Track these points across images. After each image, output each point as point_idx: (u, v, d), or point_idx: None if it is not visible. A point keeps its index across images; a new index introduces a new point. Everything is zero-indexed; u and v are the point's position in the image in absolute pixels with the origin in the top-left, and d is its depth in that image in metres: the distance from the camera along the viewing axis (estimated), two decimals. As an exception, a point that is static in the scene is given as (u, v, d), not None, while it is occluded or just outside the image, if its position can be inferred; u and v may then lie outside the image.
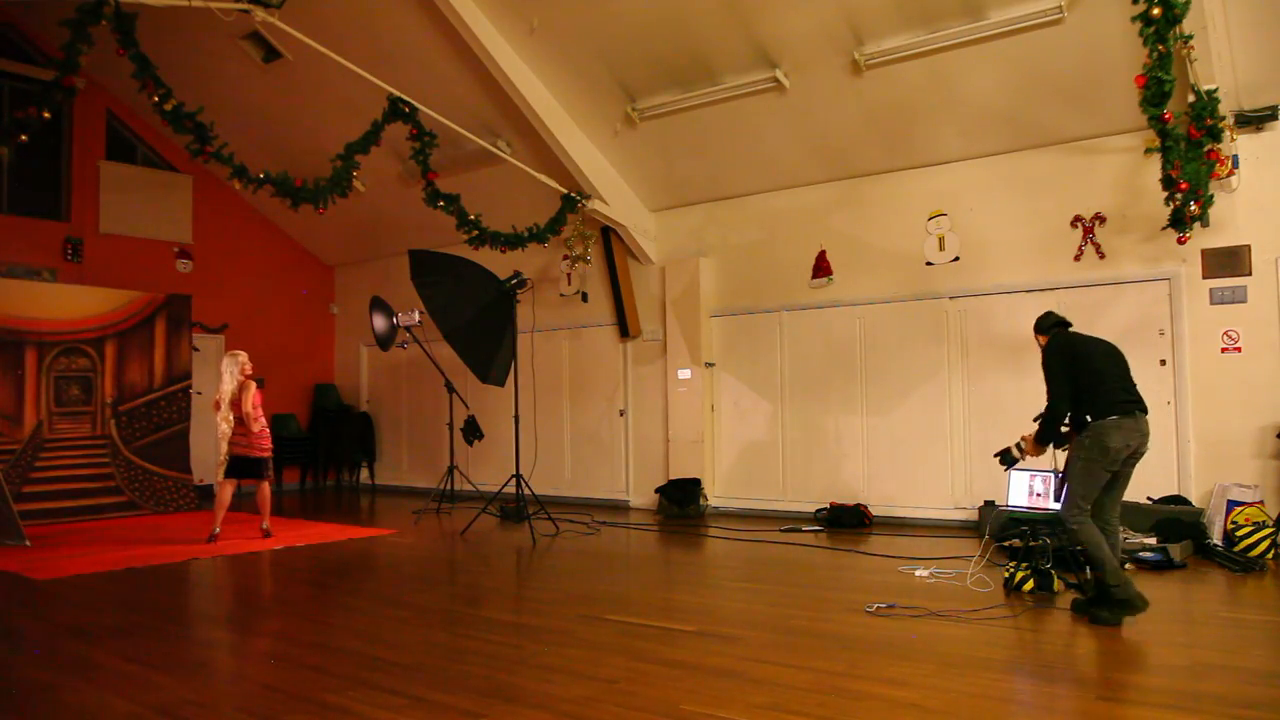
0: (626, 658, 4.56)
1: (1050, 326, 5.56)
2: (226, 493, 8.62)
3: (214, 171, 10.76)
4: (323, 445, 13.91)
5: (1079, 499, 5.09)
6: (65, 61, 6.77)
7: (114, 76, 11.08)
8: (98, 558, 7.66)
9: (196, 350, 11.91)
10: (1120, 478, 5.20)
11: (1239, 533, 6.81)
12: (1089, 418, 5.11)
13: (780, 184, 9.98)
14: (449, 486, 10.75)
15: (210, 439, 12.68)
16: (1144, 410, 5.12)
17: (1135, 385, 5.22)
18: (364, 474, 14.21)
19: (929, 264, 9.11)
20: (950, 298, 8.97)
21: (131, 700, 3.95)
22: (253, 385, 8.63)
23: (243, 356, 8.70)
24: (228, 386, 8.57)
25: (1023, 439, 5.51)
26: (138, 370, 10.98)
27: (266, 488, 8.86)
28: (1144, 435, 5.08)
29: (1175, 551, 6.58)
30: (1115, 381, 5.17)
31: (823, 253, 9.75)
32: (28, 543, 8.24)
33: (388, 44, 9.50)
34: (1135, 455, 5.13)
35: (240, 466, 8.58)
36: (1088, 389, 5.14)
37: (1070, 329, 5.56)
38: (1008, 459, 5.61)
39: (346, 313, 14.56)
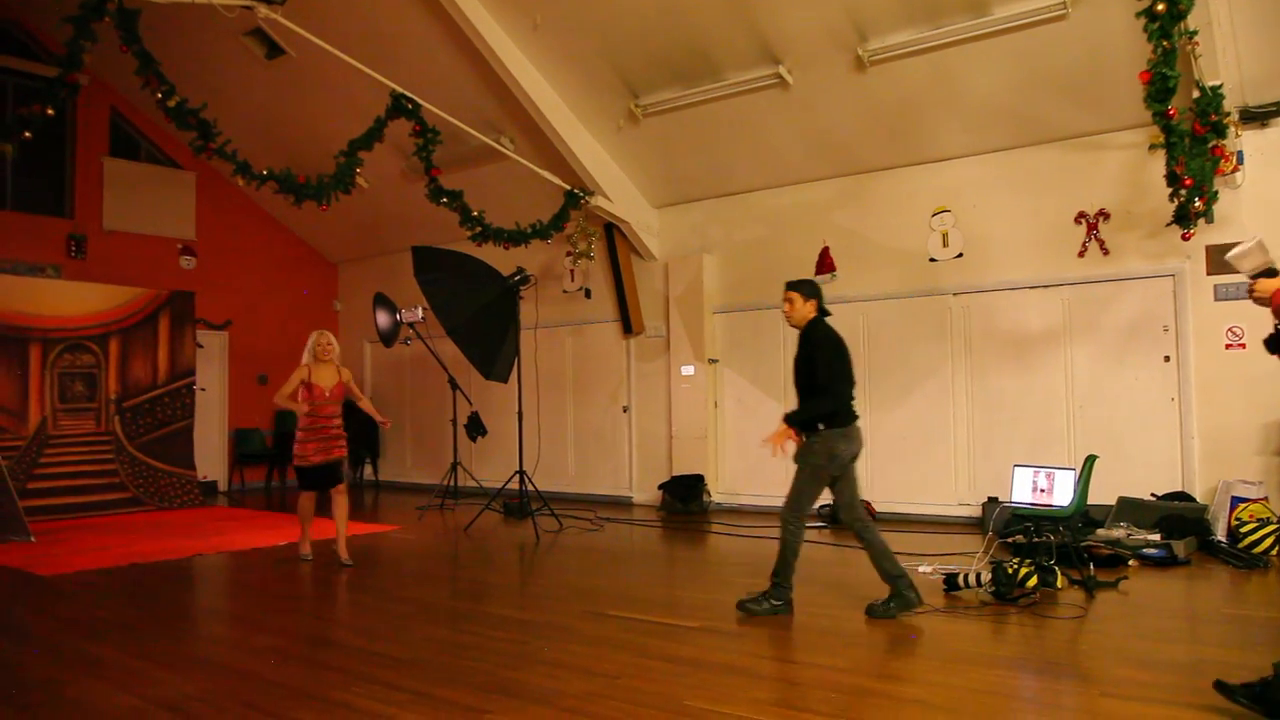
0: (630, 653, 4.56)
1: (818, 297, 5.45)
2: (307, 503, 7.44)
3: (217, 168, 10.79)
4: (326, 442, 13.89)
5: (803, 502, 5.35)
6: (68, 58, 6.76)
7: (117, 73, 11.09)
8: (102, 554, 7.68)
9: (200, 347, 11.92)
10: (846, 478, 5.39)
11: (1243, 529, 6.80)
12: (822, 425, 5.21)
13: (784, 180, 9.97)
14: (452, 483, 10.76)
15: (215, 435, 12.84)
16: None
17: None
18: (368, 470, 14.22)
19: (932, 260, 9.10)
20: (954, 294, 8.95)
21: (136, 695, 3.96)
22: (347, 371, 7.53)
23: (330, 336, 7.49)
24: (326, 375, 7.26)
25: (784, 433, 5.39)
26: (142, 367, 11.00)
27: (347, 496, 7.46)
28: (860, 442, 5.39)
29: (1179, 548, 6.57)
30: (851, 385, 5.31)
31: (826, 249, 9.74)
32: (32, 538, 8.26)
33: (391, 40, 9.49)
34: (855, 458, 5.38)
35: (326, 474, 7.25)
36: (839, 397, 5.23)
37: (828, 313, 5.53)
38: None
39: (350, 309, 14.57)
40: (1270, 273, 3.44)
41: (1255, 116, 7.42)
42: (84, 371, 10.51)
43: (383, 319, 10.55)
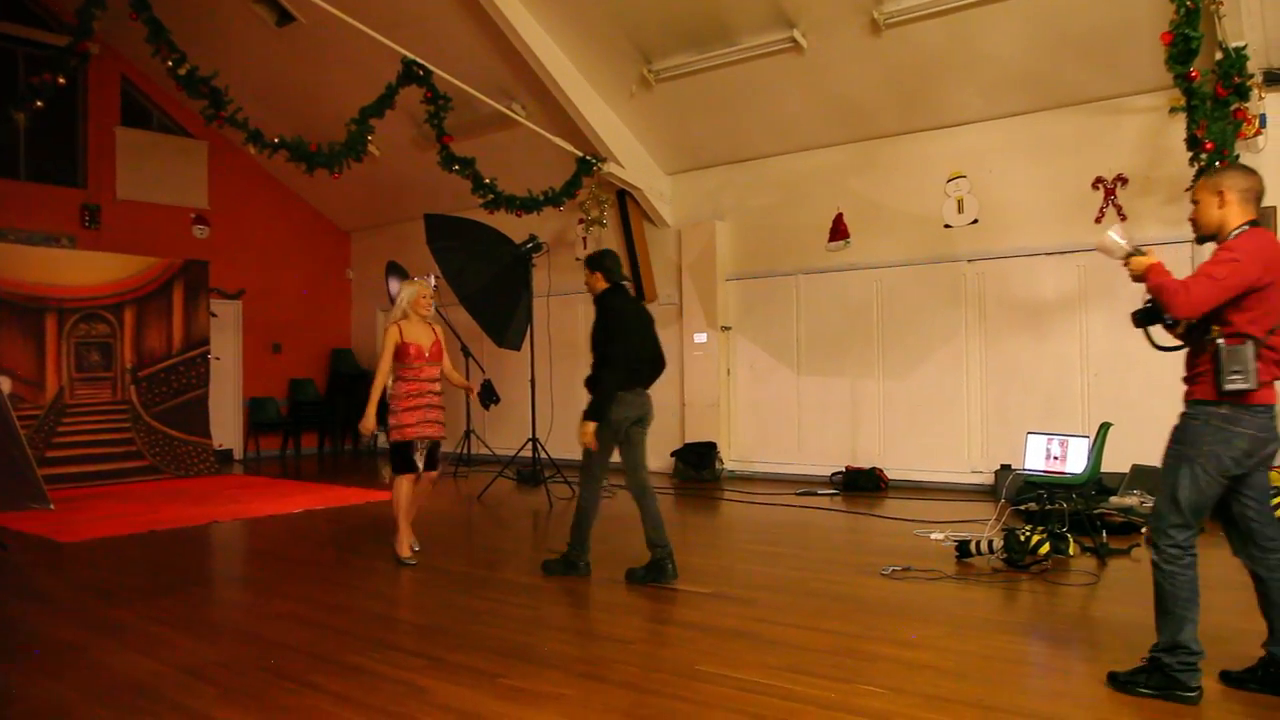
0: (642, 619, 4.60)
1: (603, 269, 5.58)
2: (408, 490, 6.04)
3: (229, 137, 10.76)
4: (340, 410, 13.99)
5: (592, 466, 5.48)
6: (79, 27, 6.76)
7: (128, 42, 11.03)
8: (121, 521, 7.77)
9: (214, 315, 11.97)
10: (631, 443, 5.46)
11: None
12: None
13: (797, 146, 9.88)
14: (466, 450, 10.81)
15: (230, 403, 12.93)
16: (646, 386, 5.50)
17: (648, 368, 5.51)
18: (382, 439, 14.30)
19: (947, 226, 9.02)
20: (968, 261, 8.89)
21: (158, 660, 4.02)
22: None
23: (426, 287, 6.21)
24: (423, 333, 6.03)
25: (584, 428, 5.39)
26: (156, 336, 11.06)
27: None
28: (644, 407, 5.44)
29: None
30: (641, 354, 5.42)
31: (840, 215, 9.67)
32: (51, 506, 8.36)
33: (401, 6, 9.41)
34: (641, 423, 5.45)
35: (426, 454, 6.04)
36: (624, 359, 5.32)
37: (624, 286, 5.64)
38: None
39: (362, 277, 14.59)
40: (1138, 253, 3.53)
41: (1279, 79, 7.28)
42: (100, 341, 10.57)
43: (395, 287, 10.56)
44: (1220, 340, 3.26)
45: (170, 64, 7.26)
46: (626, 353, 5.32)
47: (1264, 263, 3.24)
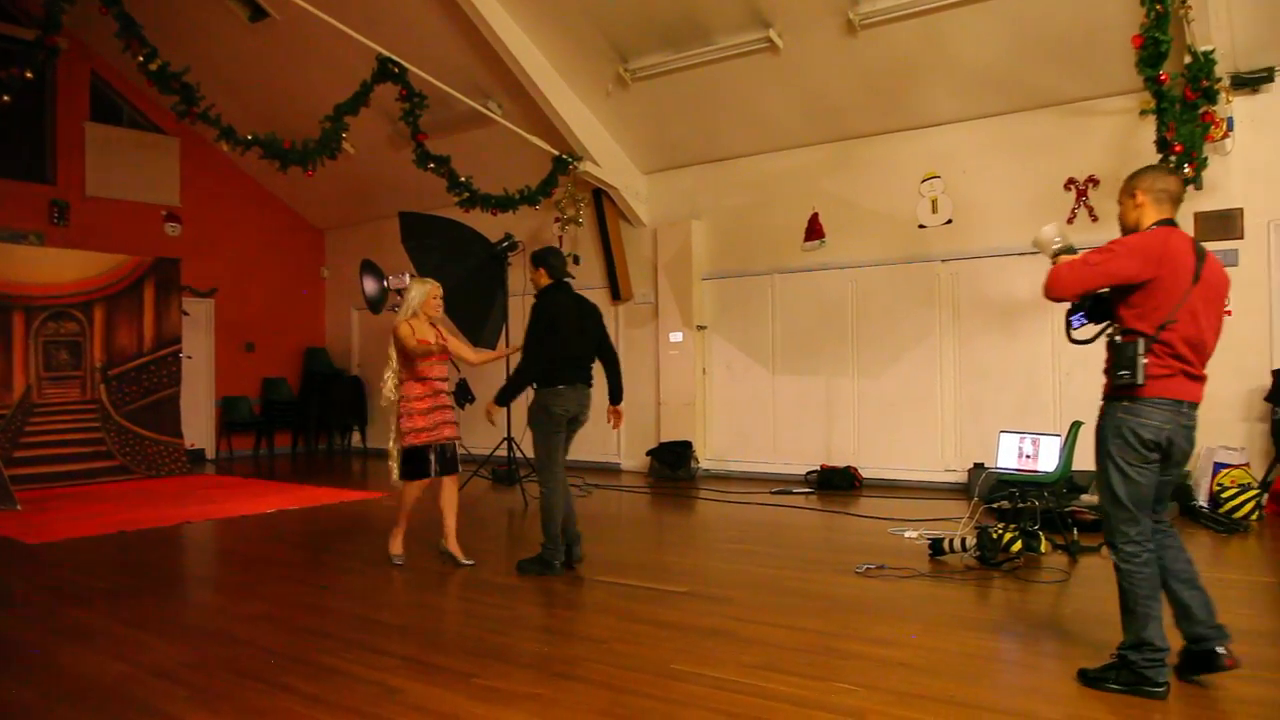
0: (617, 618, 4.60)
1: (547, 265, 5.64)
2: (417, 495, 5.92)
3: (201, 133, 10.63)
4: (314, 409, 13.89)
5: (548, 461, 5.56)
6: (47, 20, 6.67)
7: (98, 36, 10.89)
8: (90, 521, 7.67)
9: (186, 314, 11.85)
10: (565, 440, 5.64)
11: (1224, 494, 6.87)
12: (538, 384, 5.48)
13: (773, 146, 9.91)
14: (441, 450, 10.74)
15: (202, 403, 12.79)
16: (587, 383, 5.65)
17: (588, 362, 5.67)
18: (355, 438, 14.22)
19: (922, 226, 9.08)
20: (942, 260, 8.95)
21: (127, 662, 3.97)
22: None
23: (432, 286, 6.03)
24: (430, 334, 5.85)
25: (488, 406, 5.64)
26: (127, 334, 10.93)
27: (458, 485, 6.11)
28: (582, 404, 5.58)
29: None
30: (575, 356, 5.54)
31: (815, 215, 9.71)
32: (19, 507, 8.25)
33: (376, 3, 9.34)
34: (576, 421, 5.62)
35: (441, 457, 5.84)
36: (550, 355, 5.45)
37: (567, 283, 5.69)
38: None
39: (337, 276, 14.48)
40: (1069, 250, 3.63)
41: (1246, 83, 7.39)
42: (69, 340, 10.43)
43: (370, 286, 10.46)
44: (1117, 338, 3.42)
45: (141, 59, 7.18)
46: (548, 349, 5.44)
47: (1147, 258, 3.34)
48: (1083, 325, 3.67)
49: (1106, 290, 3.50)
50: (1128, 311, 3.41)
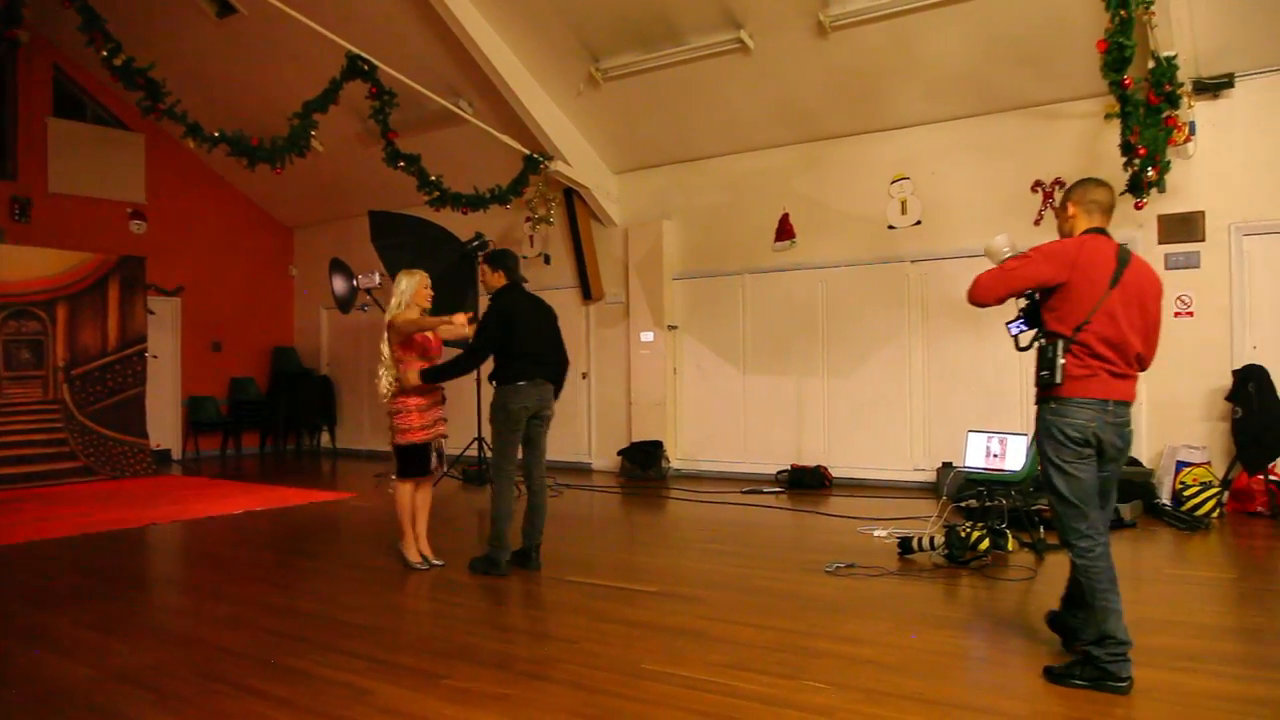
0: (588, 618, 4.60)
1: (506, 268, 5.72)
2: (411, 494, 5.80)
3: (167, 130, 10.50)
4: (283, 409, 13.76)
5: (502, 460, 5.55)
6: (7, 12, 6.55)
7: (60, 30, 10.73)
8: (53, 523, 7.55)
9: (152, 313, 11.69)
10: (530, 441, 5.65)
11: (1186, 492, 6.98)
12: (497, 381, 5.52)
13: (744, 146, 9.95)
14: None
15: (168, 403, 12.64)
16: (547, 379, 5.62)
17: (550, 358, 5.68)
18: (324, 438, 14.11)
19: (891, 227, 9.15)
20: (911, 261, 9.02)
21: (91, 667, 3.92)
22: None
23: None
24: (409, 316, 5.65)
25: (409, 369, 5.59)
26: (91, 333, 10.77)
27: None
28: (543, 400, 5.56)
29: (1126, 511, 6.73)
30: (532, 354, 5.54)
31: (786, 215, 9.75)
32: (-20, 508, 8.11)
33: (346, 0, 9.28)
34: (538, 417, 5.60)
35: (429, 456, 5.73)
36: (506, 357, 5.51)
37: (522, 285, 5.76)
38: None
39: (306, 274, 14.35)
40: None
41: (1208, 88, 7.51)
42: (30, 338, 10.26)
43: (339, 285, 10.40)
44: (1040, 340, 3.62)
45: (105, 54, 7.06)
46: (506, 347, 5.49)
47: (1060, 263, 3.52)
48: (1021, 331, 3.82)
49: (1039, 297, 3.65)
50: (1049, 315, 3.59)
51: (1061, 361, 3.48)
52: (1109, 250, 3.55)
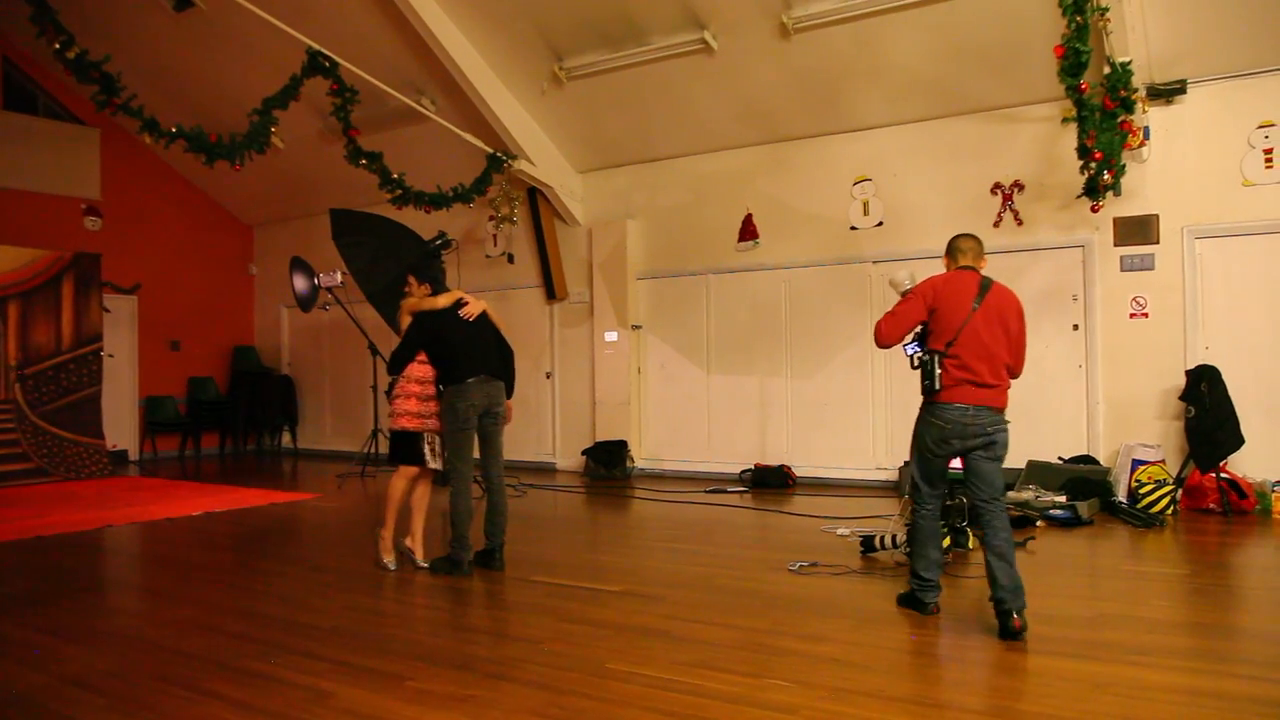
0: (552, 618, 4.58)
1: (431, 280, 5.82)
2: (406, 484, 5.85)
3: (123, 125, 10.32)
4: (243, 409, 13.57)
5: (457, 462, 5.59)
6: (-43, 4, 6.39)
7: (10, 21, 10.51)
8: (4, 526, 7.39)
9: (107, 311, 11.49)
10: (485, 440, 5.71)
11: (1142, 490, 7.10)
12: (443, 384, 5.60)
13: (708, 147, 9.98)
14: (372, 450, 10.61)
15: (124, 403, 12.42)
16: (493, 376, 5.65)
17: (493, 355, 5.71)
18: (285, 438, 13.94)
19: (853, 228, 9.22)
20: (874, 262, 9.10)
21: (44, 673, 3.84)
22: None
23: None
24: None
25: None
26: (44, 332, 10.56)
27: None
28: (491, 397, 5.60)
29: (1083, 509, 6.84)
30: (471, 353, 5.57)
31: (749, 216, 9.79)
32: (-72, 511, 7.91)
33: (306, -5, 9.18)
34: (490, 414, 5.63)
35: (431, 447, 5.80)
36: (445, 360, 5.58)
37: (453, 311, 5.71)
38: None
39: (266, 273, 14.18)
40: None
41: (1161, 93, 7.66)
42: (-19, 336, 10.03)
43: (300, 283, 10.28)
44: (924, 357, 4.37)
45: (57, 46, 6.91)
46: (408, 355, 5.61)
47: (925, 299, 4.39)
48: (915, 352, 4.51)
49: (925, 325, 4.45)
50: (930, 336, 4.41)
51: (939, 372, 4.28)
52: (972, 281, 4.37)
